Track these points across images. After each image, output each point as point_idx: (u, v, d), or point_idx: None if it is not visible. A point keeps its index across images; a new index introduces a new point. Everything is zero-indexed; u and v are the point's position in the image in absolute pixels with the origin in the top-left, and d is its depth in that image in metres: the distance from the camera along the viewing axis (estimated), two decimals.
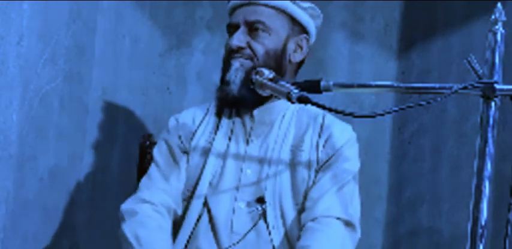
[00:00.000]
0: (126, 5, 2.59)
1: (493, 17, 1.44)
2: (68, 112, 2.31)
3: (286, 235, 1.86)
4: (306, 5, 1.92)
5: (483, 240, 1.40)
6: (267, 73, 1.74)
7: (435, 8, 2.73)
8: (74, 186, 2.44)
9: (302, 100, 1.53)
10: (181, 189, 1.91)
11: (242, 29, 1.88)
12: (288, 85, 1.62)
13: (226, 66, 1.89)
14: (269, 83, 1.70)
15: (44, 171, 2.19)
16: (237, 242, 1.83)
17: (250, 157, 1.89)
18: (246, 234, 1.84)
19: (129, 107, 2.62)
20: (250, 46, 1.87)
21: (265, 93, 1.75)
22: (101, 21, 2.50)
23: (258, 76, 1.74)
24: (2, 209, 1.93)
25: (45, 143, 2.18)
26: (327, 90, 1.57)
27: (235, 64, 1.86)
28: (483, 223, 1.40)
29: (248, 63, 1.86)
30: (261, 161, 1.89)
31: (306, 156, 1.88)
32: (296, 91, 1.57)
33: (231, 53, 1.88)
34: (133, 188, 2.18)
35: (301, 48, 1.94)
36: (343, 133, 1.92)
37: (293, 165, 1.88)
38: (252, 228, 1.84)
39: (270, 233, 1.84)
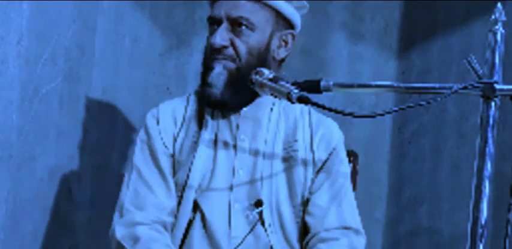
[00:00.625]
0: (126, 5, 2.59)
1: (493, 17, 1.44)
2: (68, 112, 2.31)
3: (284, 237, 1.82)
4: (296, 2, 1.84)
5: (483, 240, 1.40)
6: (267, 73, 1.74)
7: (435, 8, 2.73)
8: (74, 186, 2.44)
9: (302, 100, 1.53)
10: (174, 199, 1.81)
11: (225, 25, 1.78)
12: (288, 85, 1.62)
13: (207, 65, 1.80)
14: (269, 83, 1.70)
15: (44, 171, 2.19)
16: (238, 246, 1.77)
17: (241, 156, 1.82)
18: (245, 238, 1.78)
19: (129, 107, 2.62)
20: (233, 45, 1.77)
21: (265, 93, 1.74)
22: (101, 21, 2.49)
23: (257, 76, 1.74)
24: (2, 209, 1.93)
25: (45, 143, 2.17)
26: (327, 90, 1.57)
27: (218, 67, 1.77)
28: (483, 223, 1.40)
29: (231, 65, 1.78)
30: (253, 160, 1.82)
31: (301, 156, 1.83)
32: (296, 91, 1.56)
33: (213, 52, 1.79)
34: None
35: (286, 43, 1.85)
36: (334, 132, 1.89)
37: (288, 165, 1.83)
38: (250, 231, 1.78)
39: (268, 236, 1.79)
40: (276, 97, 1.68)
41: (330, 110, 1.44)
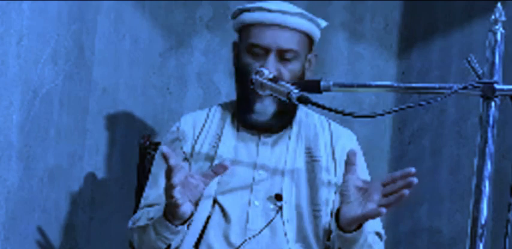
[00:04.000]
0: (126, 5, 2.59)
1: (493, 17, 1.44)
2: (68, 112, 2.31)
3: (302, 234, 1.83)
4: (323, 23, 1.91)
5: (483, 240, 1.40)
6: (267, 73, 1.74)
7: (435, 8, 2.73)
8: (74, 186, 2.44)
9: (302, 100, 1.53)
10: None
11: (273, 56, 1.81)
12: (288, 85, 1.62)
13: (253, 94, 1.80)
14: (269, 83, 1.70)
15: (44, 171, 2.19)
16: (253, 237, 1.78)
17: (263, 155, 1.86)
18: (261, 230, 1.79)
19: (129, 107, 2.62)
20: (280, 74, 1.80)
21: (265, 93, 1.74)
22: (101, 21, 2.49)
23: (258, 76, 1.74)
24: (2, 209, 1.92)
25: (45, 144, 2.17)
26: (327, 90, 1.57)
27: (267, 98, 1.80)
28: (483, 223, 1.41)
29: None
30: (275, 159, 1.86)
31: (323, 162, 1.87)
32: (296, 91, 1.57)
33: None
34: (133, 189, 2.18)
35: (310, 64, 1.92)
36: (354, 142, 1.94)
37: (310, 167, 1.86)
38: (268, 224, 1.80)
39: (285, 231, 1.80)
40: (276, 97, 1.68)
41: (330, 110, 1.44)
